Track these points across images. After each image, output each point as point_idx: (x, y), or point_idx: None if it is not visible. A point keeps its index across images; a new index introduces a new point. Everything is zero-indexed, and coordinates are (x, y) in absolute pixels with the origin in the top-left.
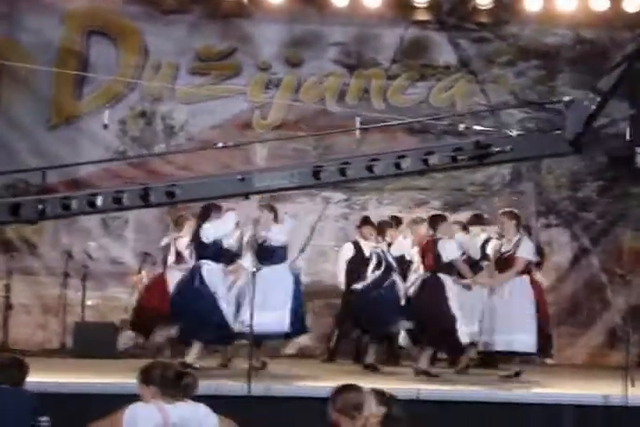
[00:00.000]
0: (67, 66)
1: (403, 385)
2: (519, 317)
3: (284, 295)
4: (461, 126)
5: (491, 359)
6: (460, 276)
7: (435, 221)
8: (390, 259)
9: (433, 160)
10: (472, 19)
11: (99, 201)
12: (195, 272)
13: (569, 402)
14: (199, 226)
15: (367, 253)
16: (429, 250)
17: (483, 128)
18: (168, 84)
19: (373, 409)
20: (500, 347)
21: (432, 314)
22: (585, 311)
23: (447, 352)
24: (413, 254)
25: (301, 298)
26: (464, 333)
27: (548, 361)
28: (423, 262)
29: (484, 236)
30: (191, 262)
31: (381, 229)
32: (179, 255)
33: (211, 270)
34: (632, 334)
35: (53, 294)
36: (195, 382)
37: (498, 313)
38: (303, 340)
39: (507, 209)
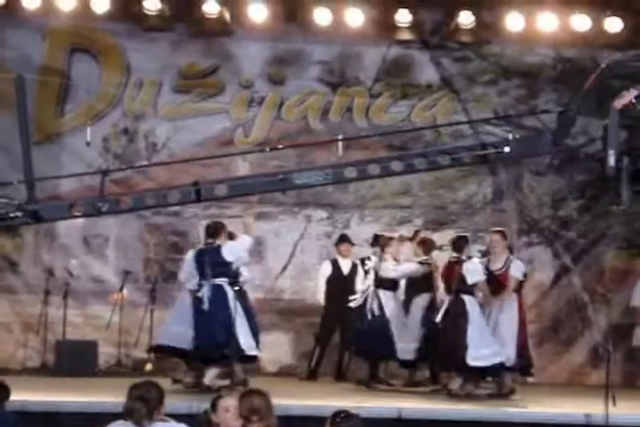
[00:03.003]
0: (49, 83)
1: (384, 404)
2: (506, 333)
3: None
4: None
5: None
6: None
7: (459, 244)
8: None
9: (444, 160)
10: (454, 38)
11: (149, 199)
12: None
13: (550, 421)
14: (210, 244)
15: (345, 271)
16: (454, 272)
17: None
18: (150, 102)
19: None
20: (485, 362)
21: (453, 342)
22: (566, 330)
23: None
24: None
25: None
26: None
27: (530, 380)
28: (447, 285)
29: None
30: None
31: (381, 244)
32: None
33: (228, 290)
34: (613, 353)
35: (34, 311)
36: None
37: (486, 329)
38: (285, 358)
39: (497, 228)
